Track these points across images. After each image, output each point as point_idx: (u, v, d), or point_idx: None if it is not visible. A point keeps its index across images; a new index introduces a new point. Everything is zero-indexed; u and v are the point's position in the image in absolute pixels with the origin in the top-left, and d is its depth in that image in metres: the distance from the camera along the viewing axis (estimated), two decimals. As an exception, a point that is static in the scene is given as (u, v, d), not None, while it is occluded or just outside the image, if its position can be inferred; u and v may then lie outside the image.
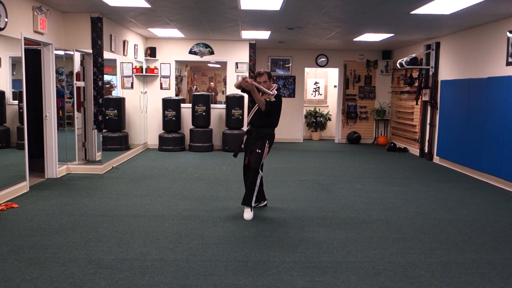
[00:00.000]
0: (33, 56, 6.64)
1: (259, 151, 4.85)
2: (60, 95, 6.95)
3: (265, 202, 5.34)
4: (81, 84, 7.33)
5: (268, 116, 4.90)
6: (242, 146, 5.12)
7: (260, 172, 4.89)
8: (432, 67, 9.25)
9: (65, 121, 7.13)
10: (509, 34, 6.62)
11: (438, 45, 9.10)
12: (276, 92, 4.89)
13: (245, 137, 5.12)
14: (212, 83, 15.81)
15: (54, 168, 6.72)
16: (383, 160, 9.22)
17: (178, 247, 3.94)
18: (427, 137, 9.43)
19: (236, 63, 10.36)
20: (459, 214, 5.23)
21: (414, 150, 10.18)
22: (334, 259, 3.74)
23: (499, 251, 4.03)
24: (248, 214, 4.83)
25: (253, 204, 4.89)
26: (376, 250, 3.97)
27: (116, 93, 9.25)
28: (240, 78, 4.77)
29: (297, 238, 4.23)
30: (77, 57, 7.22)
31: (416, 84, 9.95)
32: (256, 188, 4.87)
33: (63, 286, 3.13)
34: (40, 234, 4.19)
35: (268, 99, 4.79)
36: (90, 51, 7.13)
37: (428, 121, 9.42)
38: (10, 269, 3.40)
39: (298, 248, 3.97)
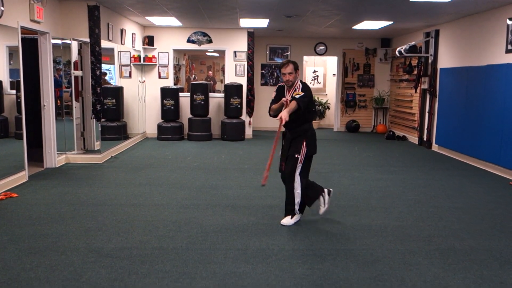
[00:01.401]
0: (30, 45, 6.60)
1: (297, 155, 4.17)
2: (58, 84, 6.92)
3: (326, 191, 4.38)
4: (79, 73, 7.29)
5: (303, 112, 4.17)
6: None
7: (298, 179, 4.22)
8: (431, 55, 9.21)
9: (63, 111, 7.11)
10: (508, 21, 6.59)
11: (437, 32, 9.05)
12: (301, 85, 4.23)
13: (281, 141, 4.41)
14: (210, 72, 15.73)
15: (53, 158, 6.72)
16: (382, 149, 9.23)
17: (178, 236, 3.95)
18: (426, 125, 9.43)
19: (235, 52, 10.31)
20: (458, 201, 5.25)
21: (413, 138, 10.19)
22: (333, 247, 3.76)
23: (497, 238, 4.05)
24: (287, 220, 4.28)
25: (297, 212, 4.30)
26: (375, 238, 3.99)
27: (109, 79, 9.20)
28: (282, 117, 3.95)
29: (296, 226, 4.25)
30: (74, 46, 7.18)
31: (415, 72, 9.92)
32: (298, 196, 4.23)
33: (63, 275, 3.14)
34: (40, 224, 4.20)
35: (297, 95, 4.10)
36: (88, 40, 7.08)
37: (427, 109, 9.41)
38: (10, 258, 3.41)
39: (297, 236, 3.99)
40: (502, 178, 6.52)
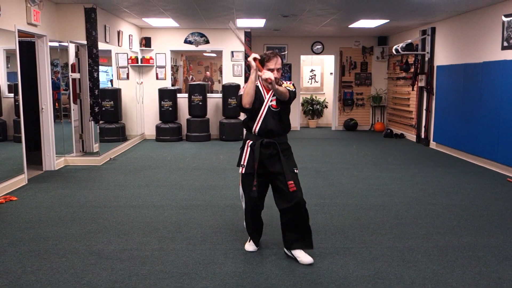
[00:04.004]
0: (27, 48, 6.61)
1: (297, 170, 3.46)
2: (55, 87, 6.93)
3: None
4: (76, 75, 7.30)
5: (285, 113, 3.52)
6: (243, 162, 3.48)
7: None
8: (427, 52, 9.24)
9: (61, 113, 7.12)
10: (504, 18, 6.62)
11: (433, 30, 9.08)
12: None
13: (246, 152, 3.46)
14: (208, 72, 15.75)
15: (52, 161, 6.73)
16: (380, 147, 9.26)
17: (178, 237, 3.97)
18: (423, 123, 9.46)
19: (232, 52, 10.32)
20: (456, 198, 5.28)
21: (411, 136, 10.21)
22: (332, 245, 3.78)
23: (495, 234, 4.08)
24: (308, 258, 3.43)
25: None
26: (374, 236, 4.01)
27: (107, 81, 9.21)
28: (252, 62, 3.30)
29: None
30: (71, 48, 7.19)
31: (412, 70, 9.95)
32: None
33: (64, 277, 3.16)
34: (40, 227, 4.21)
35: (288, 88, 3.41)
36: (85, 42, 7.09)
37: (424, 107, 9.43)
38: (11, 261, 3.43)
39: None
40: (500, 175, 6.54)
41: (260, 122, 3.40)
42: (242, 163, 3.47)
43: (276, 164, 3.39)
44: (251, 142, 3.45)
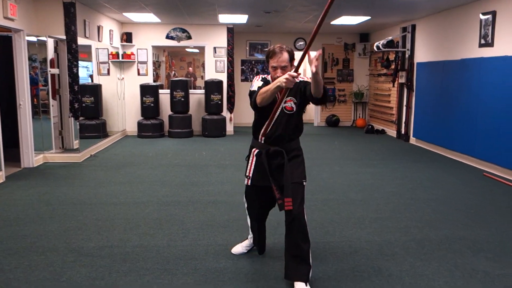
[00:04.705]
0: (4, 43, 6.50)
1: (304, 182, 3.02)
2: (34, 82, 6.82)
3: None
4: (55, 71, 7.20)
5: (299, 116, 3.08)
6: (250, 173, 3.11)
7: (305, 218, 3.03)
8: (408, 49, 9.35)
9: (40, 109, 7.02)
10: (481, 16, 6.74)
11: (414, 27, 9.19)
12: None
13: (252, 162, 3.10)
14: (190, 68, 15.67)
15: (30, 157, 6.63)
16: (361, 142, 9.35)
17: (159, 233, 3.96)
18: (403, 119, 9.58)
19: (214, 48, 10.29)
20: (434, 193, 5.37)
21: (392, 132, 10.34)
22: (313, 240, 3.78)
23: (471, 227, 4.17)
24: None
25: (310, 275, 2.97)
26: (353, 230, 4.07)
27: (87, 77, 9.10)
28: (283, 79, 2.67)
29: (276, 221, 4.28)
30: (50, 43, 7.08)
31: (393, 66, 10.06)
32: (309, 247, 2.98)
33: (43, 275, 3.13)
34: (18, 224, 4.16)
35: (303, 79, 3.00)
36: (64, 37, 6.98)
37: (404, 103, 9.56)
38: (-12, 259, 3.38)
39: (278, 230, 4.03)
40: (477, 169, 6.68)
41: (270, 126, 2.96)
42: (247, 174, 3.12)
43: (282, 176, 2.94)
44: (257, 151, 3.06)
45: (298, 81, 2.86)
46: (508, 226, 4.21)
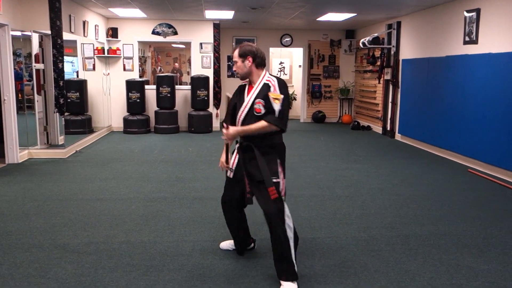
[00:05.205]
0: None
1: (276, 179, 2.97)
2: (18, 77, 6.72)
3: (252, 244, 3.55)
4: (40, 66, 7.10)
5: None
6: (231, 166, 3.22)
7: (286, 215, 3.04)
8: (393, 46, 9.43)
9: (24, 105, 6.93)
10: (466, 14, 6.82)
11: (399, 24, 9.27)
12: (276, 86, 2.93)
13: (236, 155, 3.18)
14: (176, 64, 15.59)
15: (15, 153, 6.54)
16: (347, 139, 9.42)
17: (145, 229, 3.95)
18: (389, 115, 9.67)
19: (201, 44, 10.25)
20: (419, 189, 5.44)
21: (377, 128, 10.43)
22: (299, 236, 3.82)
23: (455, 223, 4.24)
24: None
25: (296, 268, 2.95)
26: (339, 226, 4.10)
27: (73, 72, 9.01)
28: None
29: (262, 217, 4.27)
30: (35, 38, 6.98)
31: (379, 63, 10.14)
32: (292, 245, 2.97)
33: (28, 272, 3.10)
34: (2, 221, 4.11)
35: (275, 101, 2.89)
36: (49, 32, 6.89)
37: (390, 100, 9.64)
38: (-29, 257, 3.34)
39: (264, 226, 4.01)
40: (462, 166, 6.78)
41: (239, 125, 3.05)
42: (230, 166, 3.20)
43: (255, 170, 2.98)
44: (238, 145, 3.16)
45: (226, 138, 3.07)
46: (492, 222, 4.28)
